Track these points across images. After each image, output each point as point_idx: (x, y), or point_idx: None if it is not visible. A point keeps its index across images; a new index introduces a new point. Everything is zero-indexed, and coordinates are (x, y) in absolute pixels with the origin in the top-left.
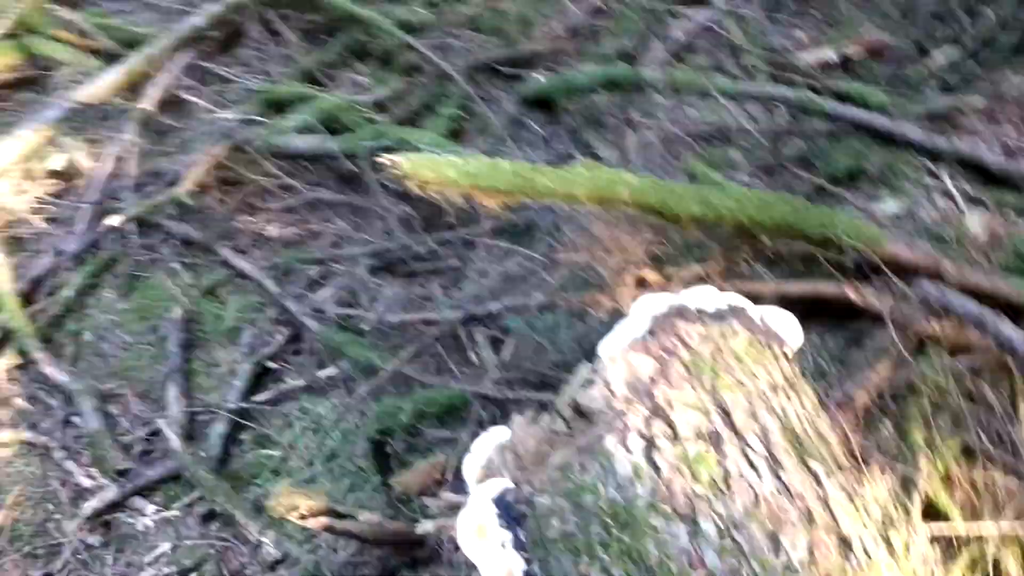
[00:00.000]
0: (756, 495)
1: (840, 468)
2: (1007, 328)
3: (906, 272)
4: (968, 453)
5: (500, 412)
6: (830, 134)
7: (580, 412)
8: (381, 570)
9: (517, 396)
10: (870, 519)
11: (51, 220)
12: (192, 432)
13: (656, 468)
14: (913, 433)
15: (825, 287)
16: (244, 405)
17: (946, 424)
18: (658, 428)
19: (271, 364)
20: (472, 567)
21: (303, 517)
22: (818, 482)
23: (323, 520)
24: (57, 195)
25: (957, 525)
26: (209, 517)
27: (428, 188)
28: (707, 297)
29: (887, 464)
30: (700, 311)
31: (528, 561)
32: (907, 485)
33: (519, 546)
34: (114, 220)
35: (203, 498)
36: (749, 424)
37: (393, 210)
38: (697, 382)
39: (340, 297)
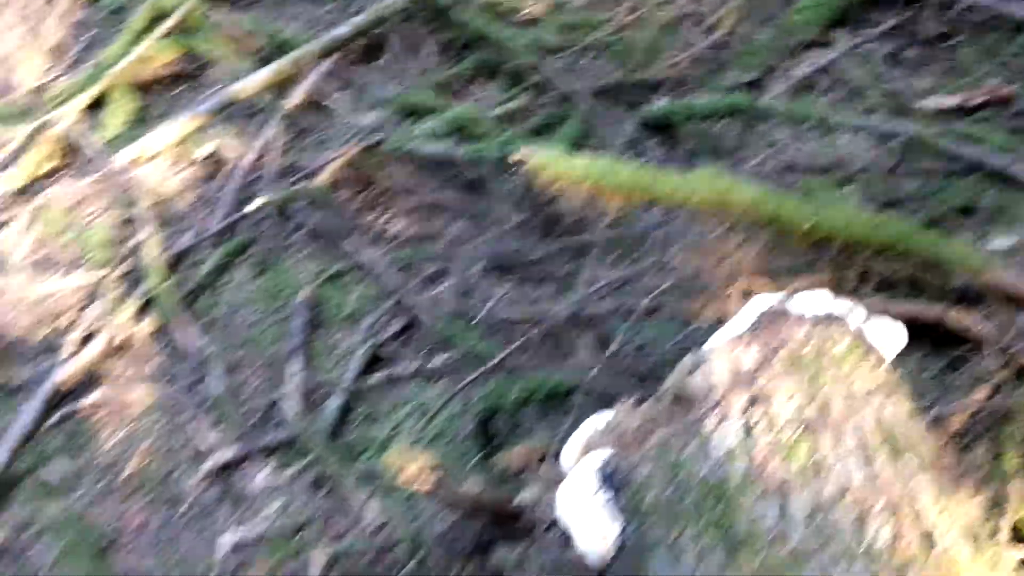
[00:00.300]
0: (845, 484)
1: (931, 470)
2: None
3: (1011, 302)
4: None
5: (602, 403)
6: (946, 173)
7: (682, 398)
8: (476, 543)
9: (619, 388)
10: (955, 522)
11: (196, 202)
12: (308, 405)
13: (751, 450)
14: (1007, 459)
15: (928, 310)
16: (358, 385)
17: None
18: (756, 414)
19: (385, 350)
20: (564, 545)
21: (412, 477)
22: (907, 479)
23: (430, 482)
24: (203, 180)
25: None
26: (318, 483)
27: (555, 184)
28: (815, 301)
29: (978, 485)
30: (806, 314)
31: (623, 527)
32: (996, 508)
33: (615, 513)
34: (253, 205)
35: (313, 465)
36: (845, 418)
37: (511, 217)
38: (797, 376)
39: (454, 293)
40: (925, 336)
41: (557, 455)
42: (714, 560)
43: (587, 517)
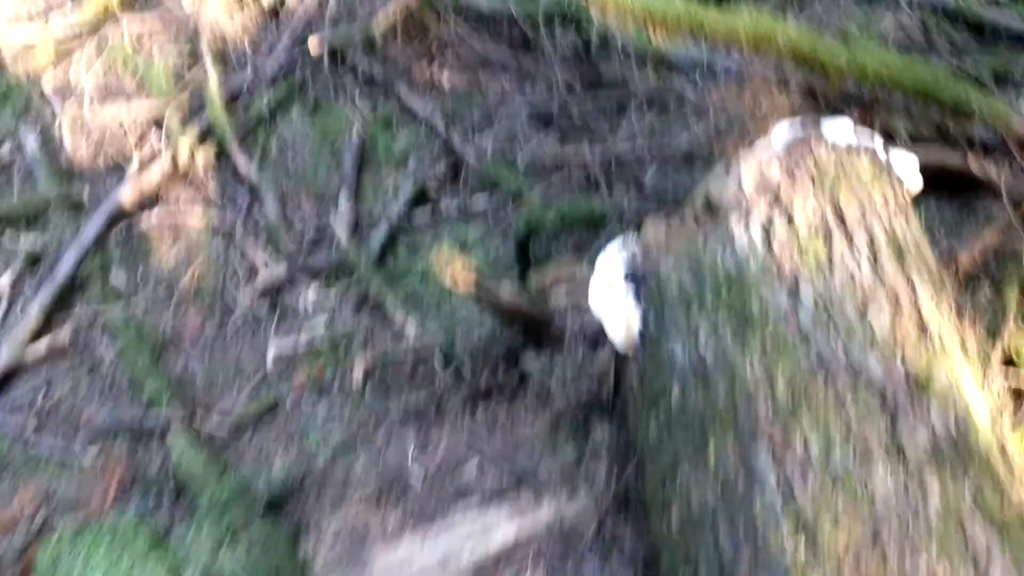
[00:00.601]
0: (853, 279)
1: (932, 279)
2: None
3: None
4: None
5: (634, 228)
6: (981, 42)
7: (710, 207)
8: (508, 351)
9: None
10: (949, 320)
11: (256, 42)
12: (355, 234)
13: (770, 247)
14: (1008, 296)
15: (950, 156)
16: (402, 218)
17: None
18: (777, 218)
19: (430, 190)
20: (590, 350)
21: (457, 277)
22: (910, 282)
23: (472, 281)
24: (264, 21)
25: None
26: (362, 302)
27: (607, 14)
28: (843, 129)
29: (979, 317)
30: (832, 137)
31: (645, 315)
32: (993, 338)
33: (639, 300)
34: (311, 43)
35: (358, 286)
36: (859, 227)
37: (557, 74)
38: (819, 188)
39: (499, 140)
40: (945, 185)
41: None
42: (725, 337)
43: (614, 308)
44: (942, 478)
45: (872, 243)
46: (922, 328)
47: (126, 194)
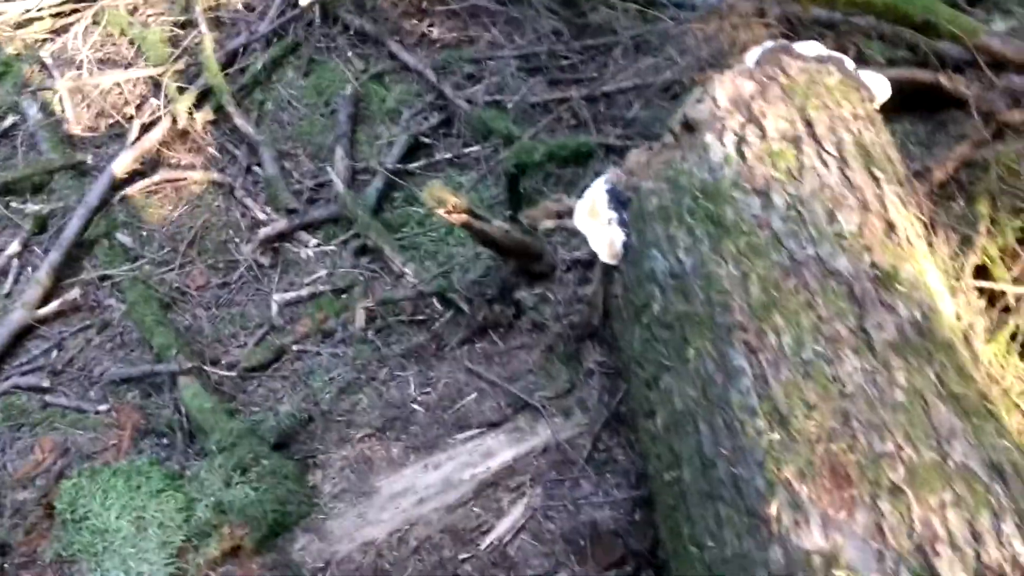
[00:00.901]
0: (823, 183)
1: (900, 183)
2: None
3: (997, 66)
4: None
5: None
6: None
7: (688, 126)
8: (502, 286)
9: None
10: (915, 224)
11: (248, 7)
12: (353, 186)
13: (743, 157)
14: (980, 205)
15: (921, 74)
16: (398, 169)
17: (1011, 205)
18: (750, 130)
19: (425, 139)
20: (581, 280)
21: (449, 212)
22: (878, 184)
23: (464, 216)
24: None
25: (1005, 287)
26: (361, 251)
27: None
28: (812, 47)
29: (952, 227)
30: (803, 53)
31: (627, 235)
32: (966, 247)
33: (622, 223)
34: (302, 3)
35: (358, 236)
36: (827, 135)
37: (544, 23)
38: (789, 101)
39: (489, 88)
40: (919, 104)
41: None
42: (702, 244)
43: (599, 228)
44: (907, 364)
45: (841, 150)
46: (889, 227)
47: (128, 158)
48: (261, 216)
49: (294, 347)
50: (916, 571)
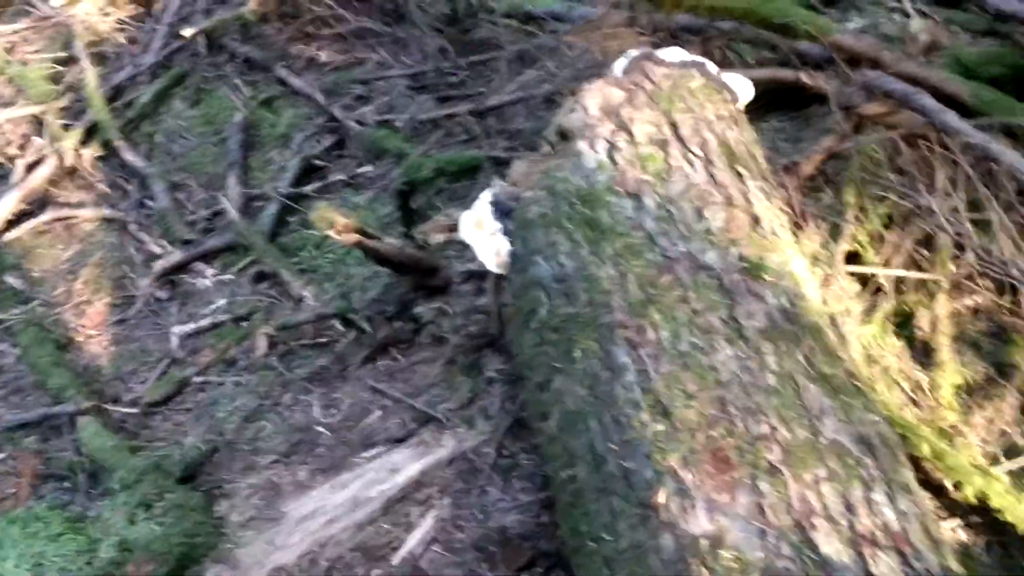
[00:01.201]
0: (690, 183)
1: (764, 178)
2: (930, 101)
3: (852, 62)
4: (891, 219)
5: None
6: None
7: (563, 135)
8: (401, 303)
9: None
10: (780, 218)
11: (131, 38)
12: (247, 213)
13: (615, 162)
14: (847, 194)
15: (784, 73)
16: (293, 191)
17: (875, 192)
18: (620, 136)
19: (318, 162)
20: (476, 291)
21: (339, 232)
22: (742, 180)
23: (355, 236)
24: (137, 17)
25: (875, 270)
26: (259, 278)
27: None
28: (676, 53)
29: (822, 217)
30: (667, 60)
31: (512, 244)
32: (836, 233)
33: (507, 232)
34: (186, 31)
35: (255, 262)
36: (693, 136)
37: (430, 41)
38: (656, 106)
39: (379, 108)
40: (785, 104)
41: None
42: (581, 248)
43: (485, 239)
44: (777, 349)
45: (706, 150)
46: (755, 221)
47: (12, 199)
48: (156, 249)
49: (197, 378)
50: (796, 545)
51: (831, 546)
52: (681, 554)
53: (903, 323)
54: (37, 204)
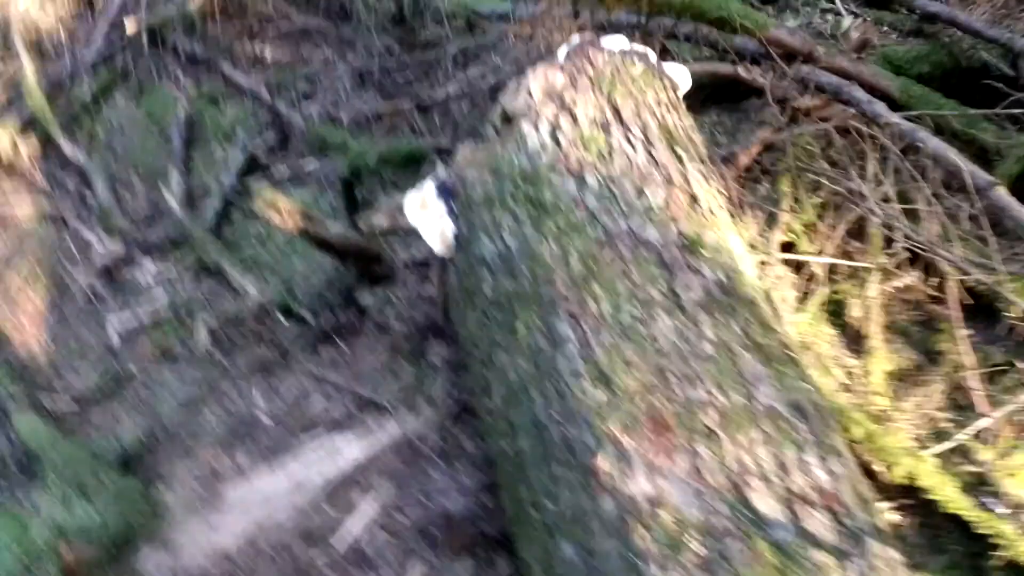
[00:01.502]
0: (631, 163)
1: (702, 160)
2: (860, 93)
3: (788, 57)
4: (825, 207)
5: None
6: None
7: (507, 118)
8: (345, 291)
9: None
10: (718, 198)
11: (71, 33)
12: (190, 207)
13: (558, 143)
14: (782, 184)
15: (722, 67)
16: (236, 188)
17: (809, 183)
18: (563, 118)
19: (262, 158)
20: (420, 278)
21: (284, 217)
22: (681, 162)
23: (299, 221)
24: (79, 11)
25: (809, 258)
26: (200, 270)
27: None
28: (618, 41)
29: (759, 207)
30: (609, 47)
31: (457, 225)
32: (772, 222)
33: (452, 213)
34: (129, 26)
35: (196, 256)
36: (633, 119)
37: (376, 40)
38: (597, 90)
39: (324, 104)
40: (724, 97)
41: None
42: (525, 226)
43: (429, 221)
44: (714, 320)
45: (646, 132)
46: (693, 200)
47: None
48: (96, 244)
49: (136, 371)
50: (732, 504)
51: (766, 504)
52: (621, 516)
53: (836, 311)
54: None
